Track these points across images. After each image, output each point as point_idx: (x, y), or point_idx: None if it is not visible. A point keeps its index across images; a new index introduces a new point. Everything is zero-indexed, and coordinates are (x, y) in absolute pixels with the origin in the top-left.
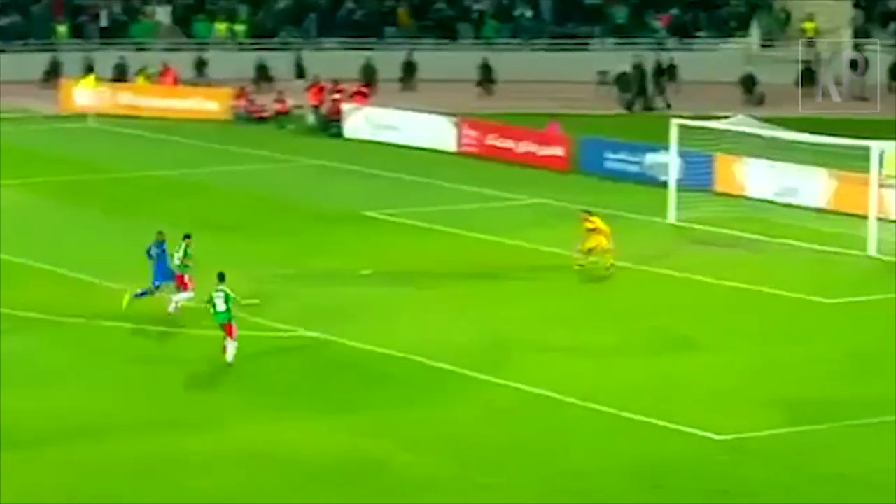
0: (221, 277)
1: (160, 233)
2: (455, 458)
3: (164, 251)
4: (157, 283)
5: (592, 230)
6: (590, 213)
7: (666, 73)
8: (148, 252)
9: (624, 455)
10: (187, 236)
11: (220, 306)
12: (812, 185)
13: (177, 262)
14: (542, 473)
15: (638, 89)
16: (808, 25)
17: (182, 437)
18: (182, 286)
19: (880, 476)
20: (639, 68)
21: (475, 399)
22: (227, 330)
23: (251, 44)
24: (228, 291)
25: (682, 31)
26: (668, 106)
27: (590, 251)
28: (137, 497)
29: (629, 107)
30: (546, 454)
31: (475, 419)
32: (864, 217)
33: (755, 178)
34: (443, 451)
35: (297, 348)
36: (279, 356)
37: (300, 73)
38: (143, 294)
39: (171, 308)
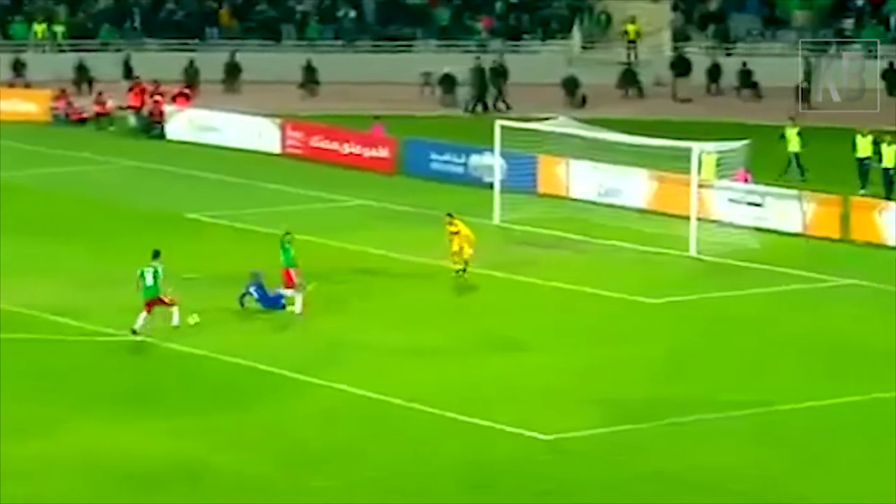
0: (156, 254)
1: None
2: (281, 460)
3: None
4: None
5: (455, 233)
6: (451, 216)
7: (504, 75)
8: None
9: (450, 456)
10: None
11: (149, 281)
12: (634, 186)
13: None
14: (368, 475)
15: (478, 91)
16: (630, 28)
17: (7, 444)
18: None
19: (697, 473)
20: (479, 70)
21: (301, 401)
22: (152, 306)
23: (70, 45)
24: (159, 268)
25: (506, 34)
26: (508, 108)
27: (454, 254)
28: None
29: (468, 109)
30: (372, 456)
31: (301, 421)
32: (685, 218)
33: (578, 179)
34: (269, 453)
35: (123, 352)
36: (105, 361)
37: (127, 73)
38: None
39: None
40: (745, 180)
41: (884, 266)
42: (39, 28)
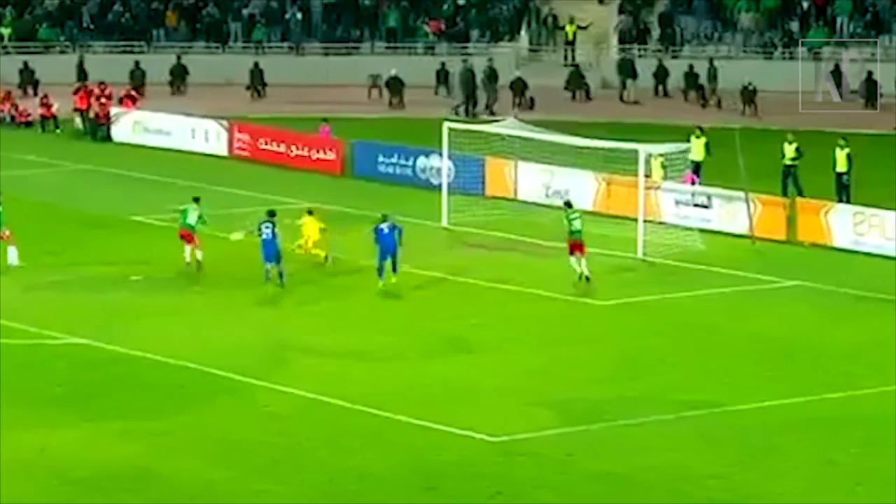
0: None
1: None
2: (228, 464)
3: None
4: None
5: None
6: (311, 212)
7: (495, 79)
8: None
9: (399, 458)
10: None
11: (192, 220)
12: (581, 188)
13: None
14: (315, 478)
15: (467, 94)
16: (568, 28)
17: None
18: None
19: (648, 474)
20: (467, 73)
21: (248, 404)
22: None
23: (15, 47)
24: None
25: (454, 36)
26: (492, 112)
27: (299, 246)
28: None
29: (457, 111)
30: (320, 459)
31: (249, 425)
32: (632, 219)
33: (525, 181)
34: (216, 457)
35: (67, 356)
36: (48, 364)
37: (82, 76)
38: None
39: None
40: (693, 182)
41: (829, 267)
42: (7, 30)
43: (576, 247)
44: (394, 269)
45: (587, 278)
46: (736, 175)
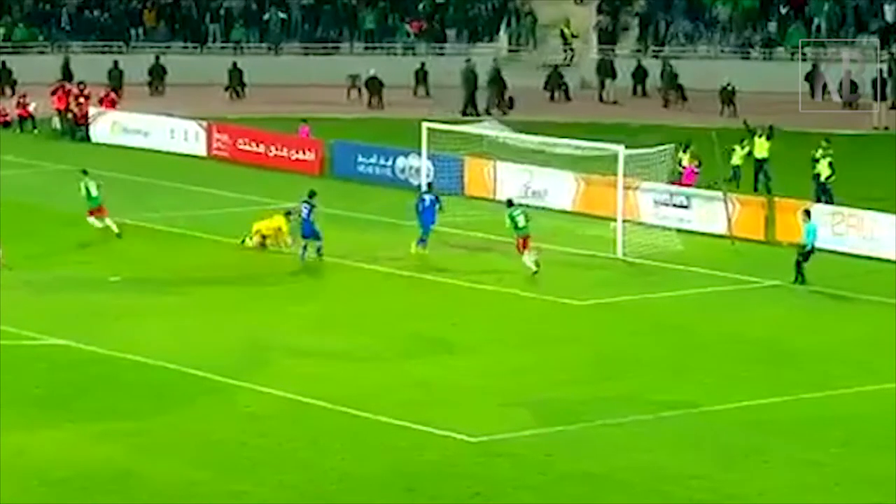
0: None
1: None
2: (209, 464)
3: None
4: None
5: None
6: (290, 214)
7: (501, 80)
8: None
9: (378, 459)
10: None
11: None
12: (561, 188)
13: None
14: (295, 478)
15: (468, 94)
16: (557, 30)
17: None
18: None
19: (626, 474)
20: (470, 73)
21: (228, 405)
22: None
23: None
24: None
25: (433, 36)
26: (503, 112)
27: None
28: None
29: (462, 111)
30: (300, 459)
31: (229, 425)
32: (611, 219)
33: (505, 181)
34: (196, 458)
35: (46, 357)
36: (27, 365)
37: (67, 75)
38: None
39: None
40: (695, 174)
41: (808, 267)
42: None
43: (524, 243)
44: (423, 241)
45: (535, 272)
46: (715, 174)
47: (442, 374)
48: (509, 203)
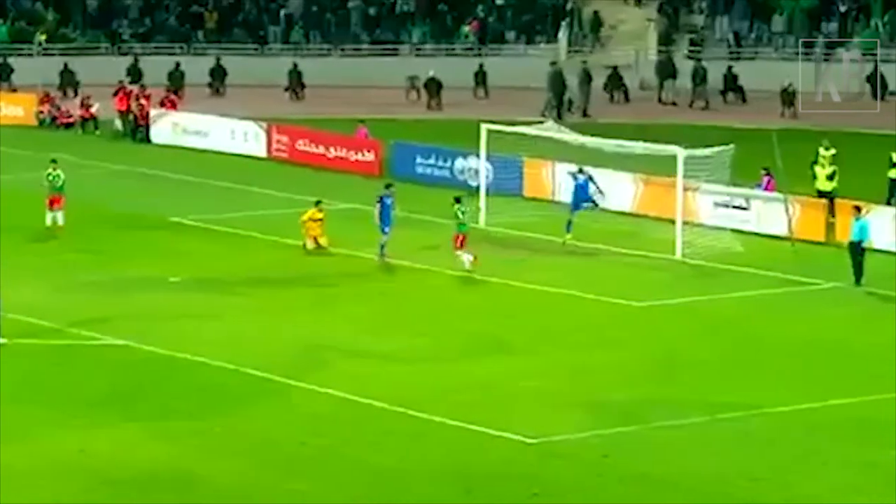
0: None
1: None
2: (265, 464)
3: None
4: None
5: (318, 220)
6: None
7: (590, 81)
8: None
9: (435, 460)
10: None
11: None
12: (620, 190)
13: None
14: (352, 478)
15: (555, 96)
16: (616, 32)
17: None
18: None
19: (684, 477)
20: (556, 75)
21: (286, 405)
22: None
23: (57, 49)
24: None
25: (491, 37)
26: (586, 115)
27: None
28: None
29: (559, 115)
30: (357, 460)
31: (286, 425)
32: (671, 221)
33: (564, 182)
34: (253, 457)
35: (107, 356)
36: (88, 365)
37: (137, 76)
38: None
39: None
40: (770, 185)
41: (869, 269)
42: (42, 36)
43: (461, 241)
44: (568, 228)
45: (469, 269)
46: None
47: (500, 375)
48: (457, 200)
